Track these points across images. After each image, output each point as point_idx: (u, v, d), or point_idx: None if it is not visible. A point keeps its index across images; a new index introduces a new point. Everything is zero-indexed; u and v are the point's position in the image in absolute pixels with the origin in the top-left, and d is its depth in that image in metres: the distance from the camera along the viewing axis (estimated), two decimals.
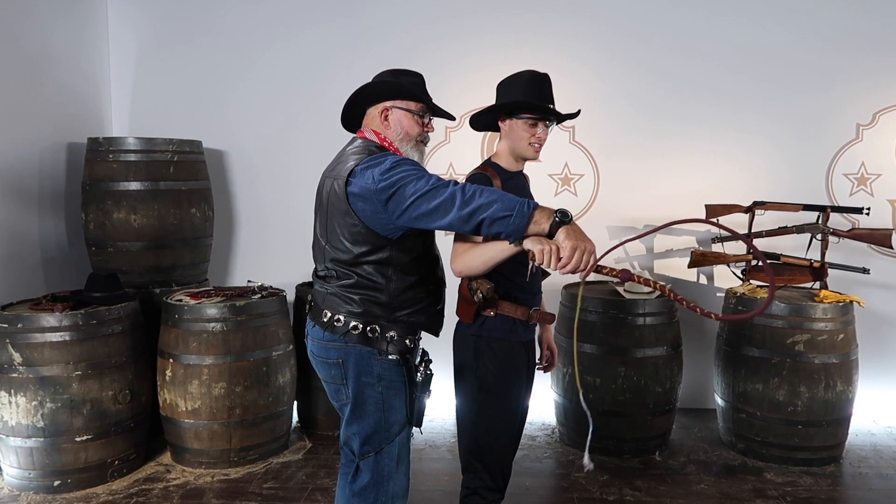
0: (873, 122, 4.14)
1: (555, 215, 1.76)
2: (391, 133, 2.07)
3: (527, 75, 2.23)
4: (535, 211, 1.76)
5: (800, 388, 3.45)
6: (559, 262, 1.74)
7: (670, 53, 4.16)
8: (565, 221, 1.75)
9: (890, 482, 3.36)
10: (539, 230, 1.76)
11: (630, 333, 3.55)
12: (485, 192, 1.78)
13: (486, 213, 1.75)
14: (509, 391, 2.25)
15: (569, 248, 1.73)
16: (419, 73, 2.14)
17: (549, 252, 1.74)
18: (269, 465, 3.50)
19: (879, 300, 4.15)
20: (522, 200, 1.77)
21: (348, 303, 1.99)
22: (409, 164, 1.88)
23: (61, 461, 3.14)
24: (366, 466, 2.04)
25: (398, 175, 1.83)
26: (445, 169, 4.28)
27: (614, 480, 3.33)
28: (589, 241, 1.77)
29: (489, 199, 1.76)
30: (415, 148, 2.10)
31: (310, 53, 4.28)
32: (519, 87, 2.21)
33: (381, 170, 1.85)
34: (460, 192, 1.78)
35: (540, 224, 1.76)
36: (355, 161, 1.93)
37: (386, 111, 2.07)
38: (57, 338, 3.08)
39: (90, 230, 3.79)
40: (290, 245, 4.25)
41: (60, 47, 3.95)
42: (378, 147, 2.02)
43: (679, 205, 4.21)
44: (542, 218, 1.76)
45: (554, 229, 1.75)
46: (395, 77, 2.09)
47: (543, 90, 2.22)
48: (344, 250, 1.97)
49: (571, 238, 1.74)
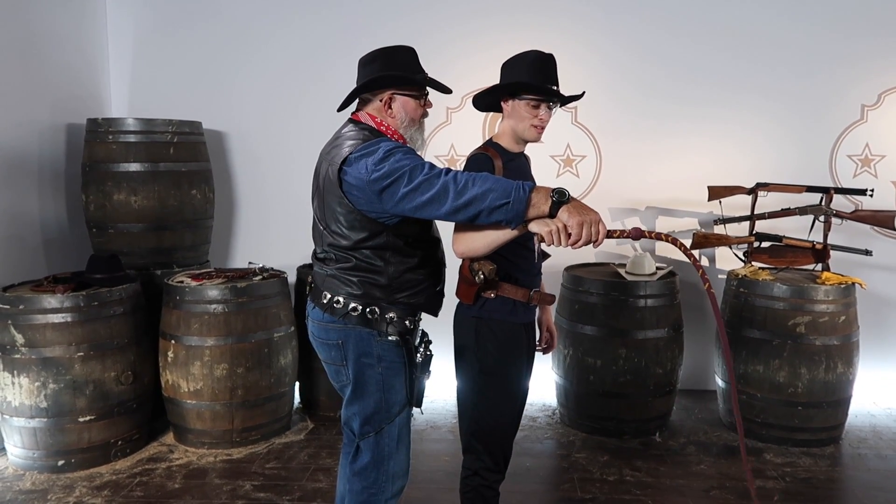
0: (878, 103, 4.10)
1: (551, 196, 1.74)
2: (395, 121, 2.04)
3: (531, 56, 2.20)
4: (532, 194, 1.74)
5: (800, 370, 3.45)
6: (569, 240, 1.73)
7: (674, 35, 4.12)
8: (563, 201, 1.73)
9: (889, 463, 3.38)
10: (539, 213, 1.75)
11: (631, 315, 3.55)
12: (478, 180, 1.76)
13: (483, 205, 1.74)
14: (509, 373, 2.26)
15: (575, 224, 1.72)
16: (411, 48, 2.09)
17: (558, 232, 1.73)
18: (272, 445, 3.52)
19: (881, 282, 4.15)
20: (517, 185, 1.75)
21: (347, 285, 1.98)
22: (402, 152, 1.84)
23: (65, 441, 3.16)
24: (366, 446, 2.05)
25: (392, 165, 1.80)
26: (447, 150, 4.26)
27: (614, 461, 3.35)
28: (592, 211, 1.75)
29: (483, 188, 1.74)
30: (419, 129, 2.09)
31: (311, 35, 4.25)
32: (523, 67, 2.18)
33: (375, 160, 1.82)
34: (452, 182, 1.76)
35: (539, 207, 1.74)
36: (350, 148, 1.90)
37: (390, 99, 2.03)
38: (59, 319, 3.09)
39: (90, 212, 3.78)
40: (290, 227, 4.24)
41: (58, 28, 3.91)
42: (372, 132, 1.99)
43: (681, 186, 4.19)
44: (540, 200, 1.74)
45: (554, 210, 1.74)
46: (388, 56, 2.03)
47: (548, 71, 2.19)
48: (341, 235, 1.96)
49: (575, 214, 1.72)
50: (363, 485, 2.06)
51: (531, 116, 2.18)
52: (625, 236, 1.83)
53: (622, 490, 3.07)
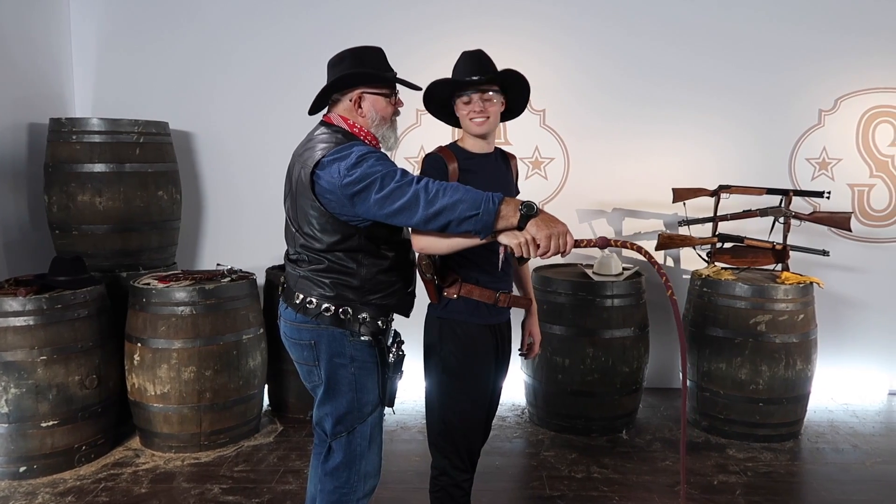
0: (835, 108, 4.24)
1: (520, 209, 1.76)
2: (366, 120, 2.05)
3: (460, 57, 2.24)
4: (501, 206, 1.76)
5: (761, 367, 3.55)
6: (538, 251, 1.77)
7: (639, 36, 4.20)
8: (532, 214, 1.77)
9: (845, 456, 3.49)
10: (508, 225, 1.78)
11: (598, 315, 3.61)
12: (448, 189, 1.77)
13: (453, 215, 1.76)
14: (473, 373, 2.26)
15: (543, 237, 1.76)
16: (379, 48, 2.11)
17: (527, 244, 1.77)
18: (240, 448, 3.49)
19: (838, 282, 4.28)
20: (487, 196, 1.77)
21: (320, 286, 1.99)
22: (375, 158, 1.85)
23: (27, 447, 3.09)
24: (338, 446, 2.05)
25: (364, 171, 1.81)
26: (417, 152, 4.28)
27: (582, 458, 3.41)
28: (559, 223, 1.79)
29: (453, 198, 1.76)
30: (390, 127, 2.10)
31: (282, 36, 4.23)
32: (453, 71, 2.23)
33: (347, 165, 1.83)
34: (423, 191, 1.77)
35: (508, 219, 1.77)
36: (322, 151, 1.91)
37: (359, 98, 2.04)
38: (21, 322, 3.03)
39: (53, 213, 3.71)
40: (259, 228, 4.21)
41: (19, 25, 3.83)
42: (345, 135, 2.00)
43: (647, 188, 4.27)
44: (509, 212, 1.77)
45: (523, 223, 1.77)
46: (357, 57, 2.05)
47: (469, 65, 2.20)
48: (314, 237, 1.97)
49: (543, 227, 1.76)
50: (335, 485, 2.07)
51: (466, 111, 2.22)
52: (592, 245, 1.87)
53: (590, 487, 3.12)
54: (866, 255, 4.31)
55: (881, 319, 4.34)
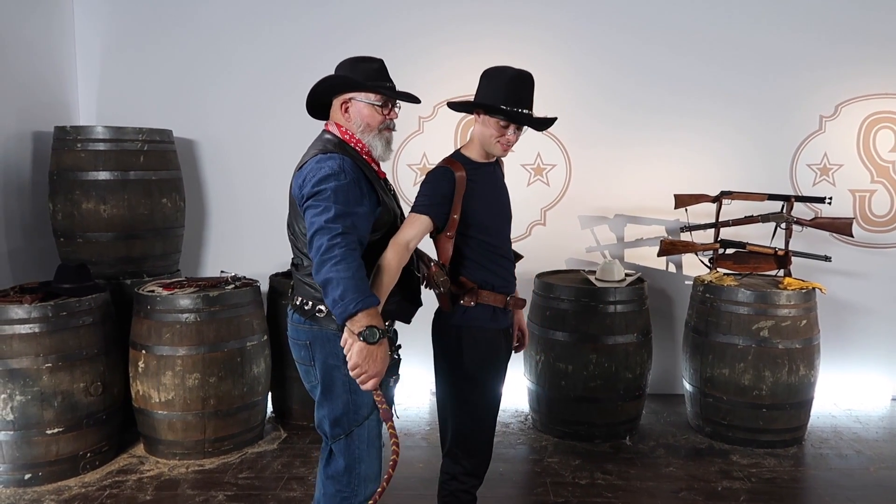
0: (836, 114, 4.25)
1: (363, 330, 1.80)
2: (352, 125, 2.09)
3: (510, 74, 2.18)
4: (357, 313, 1.79)
5: (764, 373, 3.55)
6: (348, 364, 1.84)
7: (640, 44, 4.22)
8: (367, 341, 1.80)
9: (849, 462, 3.49)
10: (351, 329, 1.81)
11: (601, 321, 3.62)
12: (340, 265, 1.80)
13: (329, 289, 1.80)
14: (490, 378, 2.29)
15: (350, 364, 1.83)
16: (379, 59, 2.13)
17: (347, 350, 1.84)
18: (244, 455, 3.50)
19: (840, 287, 4.29)
20: (358, 299, 1.79)
21: (313, 288, 2.02)
22: (333, 187, 1.89)
23: (32, 454, 3.10)
24: (338, 450, 2.07)
25: (317, 195, 1.89)
26: (419, 159, 4.30)
27: (586, 465, 3.41)
28: (375, 366, 1.82)
29: (338, 275, 1.79)
30: (378, 136, 2.11)
31: (283, 43, 4.25)
32: (500, 84, 2.17)
33: (316, 179, 1.91)
34: (324, 250, 1.81)
35: (352, 327, 1.81)
36: (307, 158, 2.00)
37: (346, 103, 2.09)
38: (26, 330, 3.04)
39: (58, 220, 3.72)
40: (263, 235, 4.23)
41: (24, 34, 3.86)
42: (335, 144, 2.04)
43: (649, 194, 4.29)
44: (355, 325, 1.80)
45: (360, 339, 1.80)
46: (354, 66, 2.09)
47: (522, 93, 2.18)
48: (304, 243, 2.00)
49: (358, 356, 1.81)
50: (336, 488, 2.08)
51: (499, 134, 2.20)
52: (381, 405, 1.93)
53: (594, 493, 3.12)
54: (868, 261, 4.31)
55: (884, 325, 4.35)
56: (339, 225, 1.85)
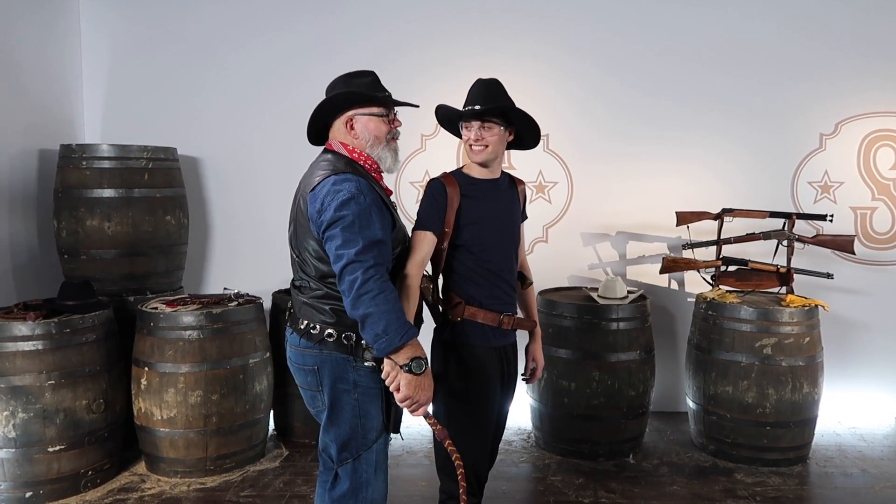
0: (836, 132, 4.27)
1: (409, 362, 1.85)
2: (360, 142, 2.09)
3: (473, 85, 2.28)
4: (404, 346, 1.84)
5: (768, 391, 3.54)
6: (397, 395, 1.90)
7: (643, 60, 4.25)
8: (414, 372, 1.86)
9: (854, 480, 3.46)
10: (396, 362, 1.86)
11: (604, 338, 3.61)
12: (378, 298, 1.82)
13: (369, 323, 1.82)
14: (479, 397, 2.27)
15: (401, 396, 1.90)
16: (371, 72, 2.14)
17: (392, 382, 1.89)
18: (246, 473, 3.48)
19: (842, 304, 4.28)
20: (401, 332, 1.83)
21: (321, 313, 2.01)
22: (355, 212, 1.88)
23: (33, 472, 3.09)
24: (344, 473, 2.05)
25: (339, 222, 1.87)
26: (421, 176, 4.32)
27: (589, 483, 3.39)
28: (425, 394, 1.91)
29: (378, 309, 1.82)
30: (386, 148, 2.11)
31: (285, 61, 4.29)
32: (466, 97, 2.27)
33: (335, 203, 1.88)
34: (359, 284, 1.81)
35: (398, 358, 1.86)
36: (319, 179, 1.96)
37: (350, 121, 2.09)
38: (29, 347, 3.04)
39: (62, 238, 3.74)
40: (266, 252, 4.24)
41: (31, 52, 3.90)
42: (345, 163, 2.03)
43: (651, 211, 4.30)
44: (400, 357, 1.85)
45: (405, 370, 1.86)
46: (347, 83, 2.09)
47: (475, 94, 2.25)
48: (312, 266, 2.01)
49: (408, 388, 1.88)
50: None
51: (466, 138, 2.26)
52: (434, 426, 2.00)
53: None
54: (870, 278, 4.31)
55: (887, 342, 4.34)
56: (370, 257, 1.85)
